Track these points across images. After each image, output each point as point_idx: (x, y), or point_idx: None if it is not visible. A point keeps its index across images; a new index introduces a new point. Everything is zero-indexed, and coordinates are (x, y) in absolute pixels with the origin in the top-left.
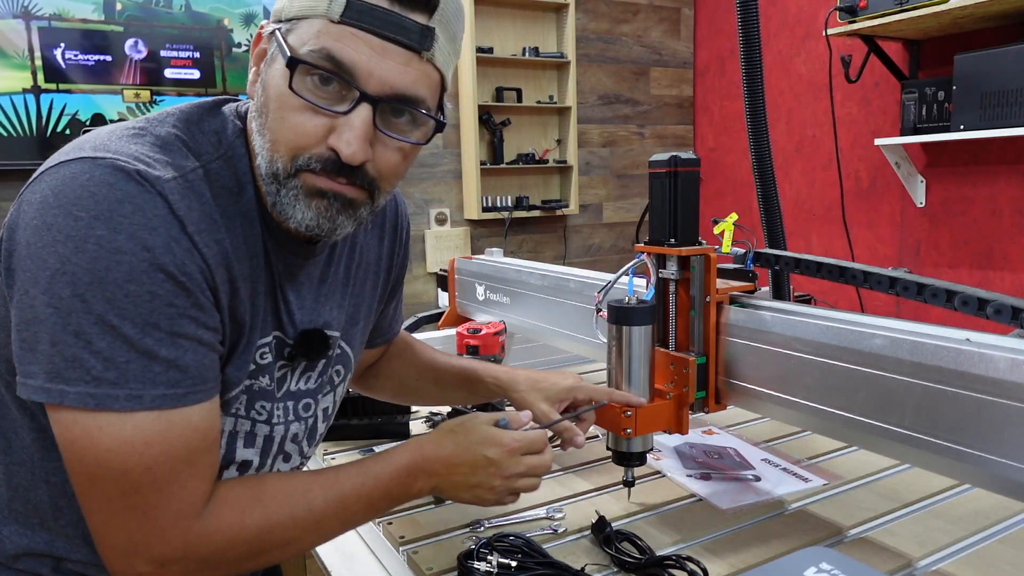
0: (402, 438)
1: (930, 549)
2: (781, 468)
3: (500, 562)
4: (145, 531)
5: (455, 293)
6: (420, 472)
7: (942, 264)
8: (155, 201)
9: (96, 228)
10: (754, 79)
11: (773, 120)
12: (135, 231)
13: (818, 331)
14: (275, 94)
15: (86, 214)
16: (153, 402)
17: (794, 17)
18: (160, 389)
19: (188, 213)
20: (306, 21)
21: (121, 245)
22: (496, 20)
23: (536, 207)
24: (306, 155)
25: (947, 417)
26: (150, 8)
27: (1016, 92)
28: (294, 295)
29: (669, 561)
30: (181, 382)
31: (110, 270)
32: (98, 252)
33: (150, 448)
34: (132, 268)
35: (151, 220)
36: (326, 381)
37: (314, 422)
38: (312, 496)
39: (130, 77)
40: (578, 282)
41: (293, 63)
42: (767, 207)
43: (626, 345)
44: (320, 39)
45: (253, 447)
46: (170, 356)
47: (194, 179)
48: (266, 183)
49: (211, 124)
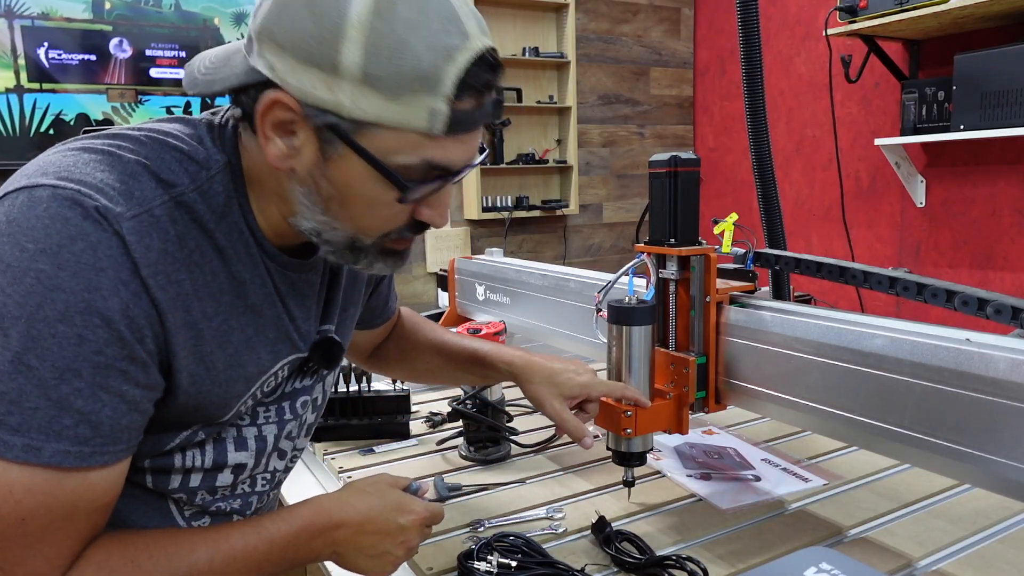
0: (402, 438)
1: (930, 549)
2: (781, 468)
3: (500, 562)
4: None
5: (455, 293)
6: (323, 533)
7: (942, 264)
8: (110, 241)
9: (40, 262)
10: (754, 79)
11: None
12: (80, 270)
13: (818, 331)
14: (360, 195)
15: (33, 246)
16: (52, 458)
17: (794, 17)
18: (64, 444)
19: (145, 254)
20: (392, 132)
21: (62, 283)
22: (496, 20)
23: (536, 207)
24: (396, 230)
25: (947, 417)
26: (139, 7)
27: (1016, 92)
28: (298, 309)
29: (669, 561)
30: (90, 440)
31: (42, 307)
32: (35, 287)
33: (31, 498)
34: (67, 308)
35: (100, 260)
36: (323, 375)
37: (307, 416)
38: (195, 556)
39: (115, 77)
40: (578, 282)
41: (403, 187)
42: (767, 207)
43: (626, 345)
44: (420, 152)
45: (246, 450)
46: (85, 409)
47: (160, 214)
48: (334, 249)
49: (190, 151)
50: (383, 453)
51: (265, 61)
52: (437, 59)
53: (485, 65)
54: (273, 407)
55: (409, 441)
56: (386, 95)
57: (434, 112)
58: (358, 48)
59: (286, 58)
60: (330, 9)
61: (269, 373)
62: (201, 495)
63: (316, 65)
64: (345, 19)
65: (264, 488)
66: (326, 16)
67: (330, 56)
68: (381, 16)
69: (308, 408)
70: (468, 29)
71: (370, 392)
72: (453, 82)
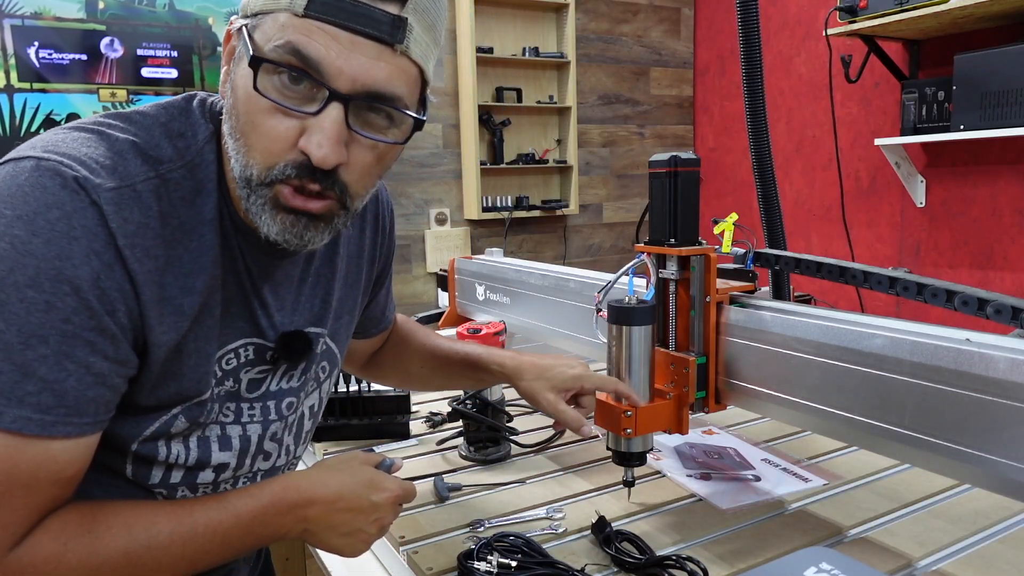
0: (402, 438)
1: (930, 549)
2: (781, 468)
3: (500, 562)
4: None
5: (455, 293)
6: (292, 509)
7: (942, 264)
8: (87, 211)
9: (15, 227)
10: (754, 79)
11: (773, 120)
12: (54, 237)
13: (818, 331)
14: (243, 95)
15: (11, 212)
16: (13, 423)
17: (794, 17)
18: (26, 411)
19: (123, 225)
20: (270, 16)
21: (34, 249)
22: (496, 20)
23: (536, 207)
24: (281, 164)
25: (947, 417)
26: (132, 7)
27: (1016, 92)
28: (272, 296)
29: (669, 561)
30: (52, 409)
31: (13, 271)
32: (8, 251)
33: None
34: (37, 274)
35: (74, 229)
36: (311, 378)
37: (298, 420)
38: (156, 530)
39: (106, 76)
40: (578, 282)
41: (256, 61)
42: (767, 207)
43: (626, 345)
44: (284, 34)
45: (229, 450)
46: (48, 376)
47: (143, 189)
48: (239, 187)
49: (179, 127)
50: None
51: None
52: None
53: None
54: (258, 405)
55: (409, 441)
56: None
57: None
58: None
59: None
60: None
61: (227, 348)
62: (182, 491)
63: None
64: None
65: None
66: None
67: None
68: None
69: (296, 413)
70: None
71: (370, 392)
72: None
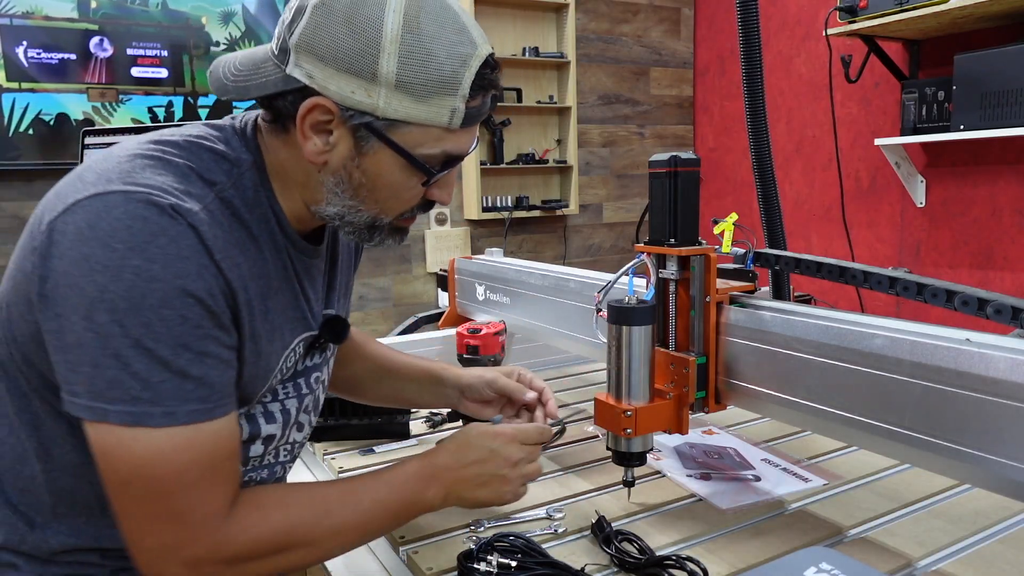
0: (402, 438)
1: (930, 549)
2: (781, 468)
3: (500, 562)
4: (176, 534)
5: (455, 293)
6: (431, 478)
7: (942, 264)
8: (187, 233)
9: (132, 259)
10: (754, 79)
11: (773, 120)
12: (168, 260)
13: (818, 331)
14: (388, 181)
15: (122, 245)
16: (186, 417)
17: (794, 17)
18: (192, 405)
19: (215, 241)
20: (419, 128)
21: (156, 274)
22: (496, 20)
23: (536, 207)
24: (409, 210)
25: (947, 417)
26: (125, 7)
27: (1016, 92)
28: (312, 291)
29: (669, 561)
30: (209, 397)
31: (145, 297)
32: (134, 281)
33: (179, 456)
34: (165, 295)
35: (183, 250)
36: (328, 353)
37: (319, 391)
38: (330, 500)
39: (95, 76)
40: (578, 282)
41: (429, 173)
42: (767, 207)
43: (626, 345)
44: (441, 144)
45: (275, 422)
46: (199, 374)
47: (214, 209)
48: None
49: (222, 151)
50: (383, 453)
51: (303, 71)
52: (456, 66)
53: (489, 68)
54: (290, 383)
55: (409, 441)
56: (416, 98)
57: (454, 111)
58: (393, 59)
59: (326, 68)
60: (367, 27)
61: (289, 349)
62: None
63: (355, 74)
64: (381, 35)
65: (285, 459)
66: (364, 33)
67: (369, 66)
68: (411, 31)
69: (320, 385)
70: (475, 38)
71: None
72: (468, 84)
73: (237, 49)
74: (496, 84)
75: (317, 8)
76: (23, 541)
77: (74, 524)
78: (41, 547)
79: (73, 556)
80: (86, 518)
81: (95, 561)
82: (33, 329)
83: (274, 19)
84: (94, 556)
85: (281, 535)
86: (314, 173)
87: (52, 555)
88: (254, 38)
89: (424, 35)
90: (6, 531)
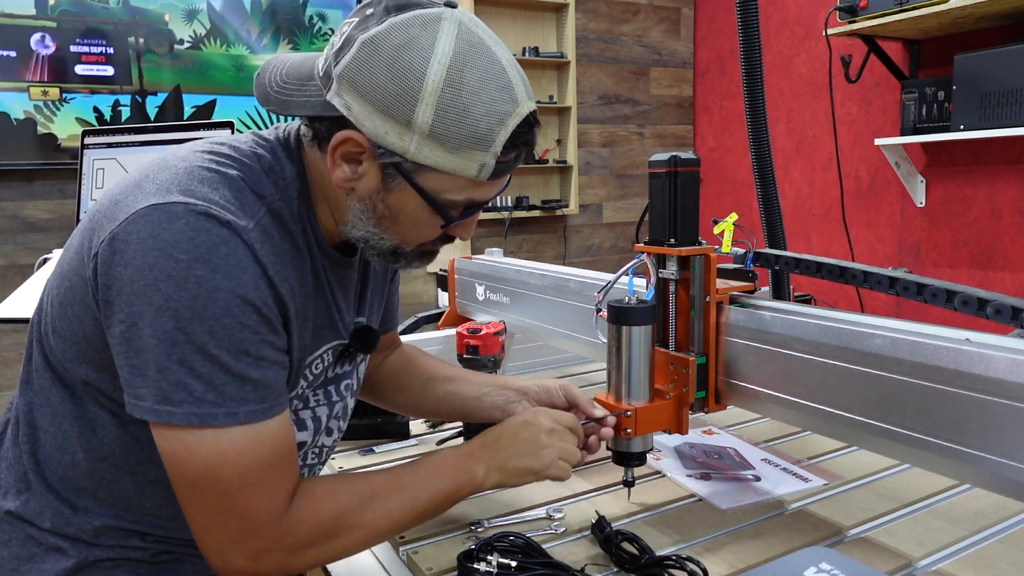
0: (402, 438)
1: (930, 549)
2: (781, 468)
3: (500, 562)
4: (242, 529)
5: (455, 293)
6: (469, 456)
7: (942, 264)
8: (243, 248)
9: (196, 269)
10: (754, 79)
11: (773, 120)
12: (229, 271)
13: (818, 331)
14: (410, 217)
15: (186, 256)
16: (247, 417)
17: (794, 17)
18: (251, 405)
19: (266, 256)
20: (446, 176)
21: (218, 283)
22: (496, 20)
23: (536, 207)
24: (430, 242)
25: (947, 417)
26: (85, 3)
27: (1016, 92)
28: (344, 301)
29: (669, 561)
30: (267, 398)
31: (208, 306)
32: (198, 290)
33: (242, 457)
34: (227, 303)
35: (241, 261)
36: (357, 362)
37: (348, 399)
38: (375, 484)
39: (36, 74)
40: (578, 282)
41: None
42: (767, 207)
43: (626, 345)
44: (467, 192)
45: (306, 430)
46: (257, 377)
47: (266, 223)
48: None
49: (270, 163)
50: (383, 453)
51: (343, 101)
52: (492, 124)
53: (528, 126)
54: (320, 391)
55: (409, 441)
56: (447, 149)
57: (484, 165)
58: (430, 110)
59: (364, 105)
60: (410, 74)
61: (315, 355)
62: None
63: (391, 116)
64: (422, 85)
65: (314, 461)
66: (406, 79)
67: (405, 112)
68: (452, 84)
69: (349, 392)
70: (518, 95)
71: None
72: (503, 143)
73: (203, 48)
74: (531, 141)
75: (366, 44)
76: (68, 524)
77: (115, 509)
78: (85, 528)
79: (115, 539)
80: (124, 505)
81: (137, 544)
82: (90, 331)
83: (239, 16)
84: (136, 539)
85: (332, 520)
86: (343, 196)
87: (96, 536)
88: (219, 36)
89: (465, 90)
90: (52, 515)
